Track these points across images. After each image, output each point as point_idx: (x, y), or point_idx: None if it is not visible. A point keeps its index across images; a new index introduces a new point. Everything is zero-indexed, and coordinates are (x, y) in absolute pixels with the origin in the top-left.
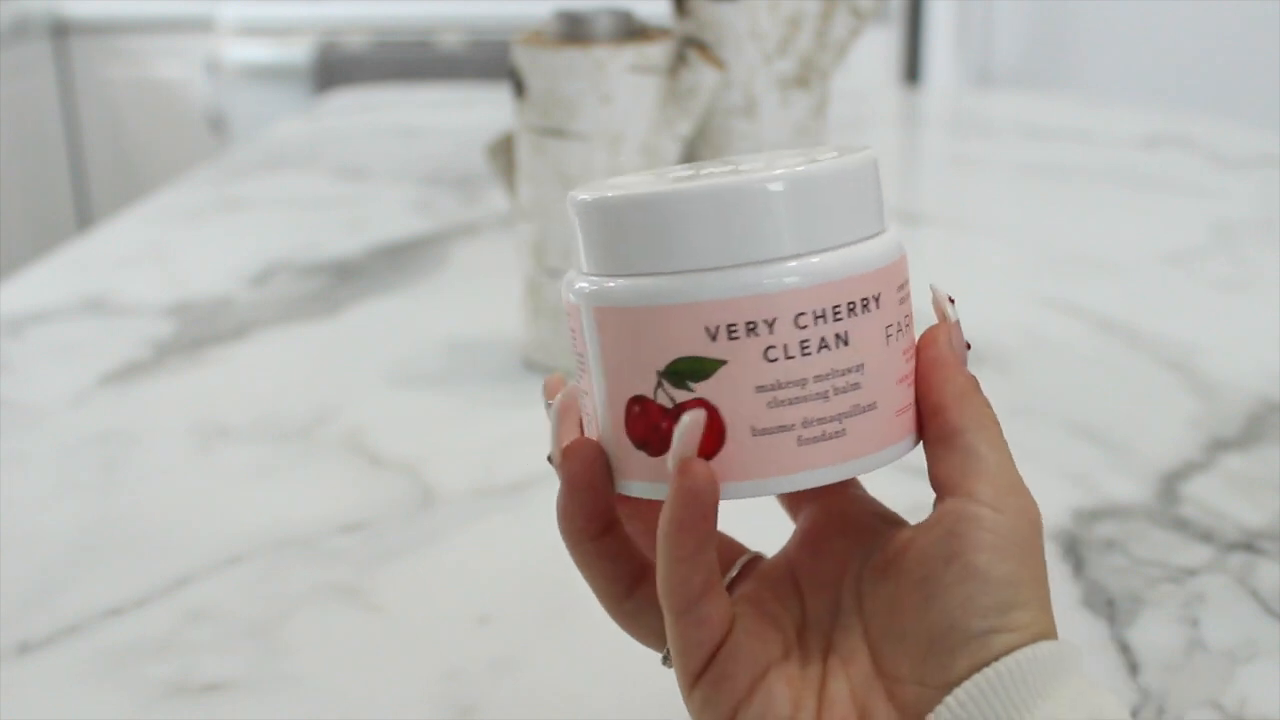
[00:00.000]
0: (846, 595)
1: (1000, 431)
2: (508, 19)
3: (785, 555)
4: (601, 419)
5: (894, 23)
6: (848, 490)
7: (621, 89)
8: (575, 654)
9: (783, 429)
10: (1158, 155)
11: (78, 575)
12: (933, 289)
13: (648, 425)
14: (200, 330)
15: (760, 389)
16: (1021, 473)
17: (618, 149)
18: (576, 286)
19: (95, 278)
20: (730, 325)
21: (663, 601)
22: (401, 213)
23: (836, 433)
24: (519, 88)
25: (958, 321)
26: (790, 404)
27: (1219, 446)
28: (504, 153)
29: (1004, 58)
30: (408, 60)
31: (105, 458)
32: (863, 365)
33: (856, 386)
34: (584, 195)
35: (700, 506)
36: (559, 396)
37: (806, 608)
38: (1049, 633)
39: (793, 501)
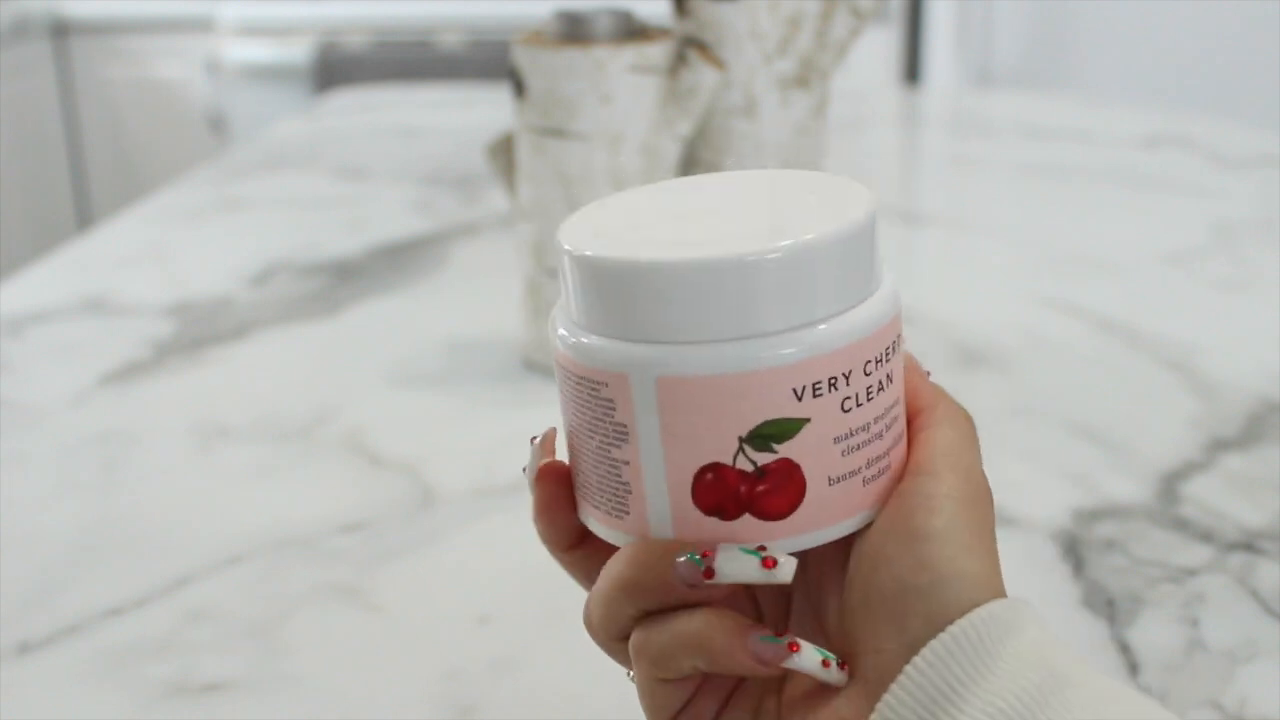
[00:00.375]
0: (796, 593)
1: (964, 428)
2: (508, 19)
3: None
4: (654, 491)
5: (894, 23)
6: None
7: (621, 89)
8: (575, 654)
9: (853, 474)
10: (1158, 155)
11: (78, 575)
12: None
13: (724, 493)
14: (200, 330)
15: (837, 440)
16: (1021, 473)
17: (618, 149)
18: (626, 355)
19: (95, 278)
20: (815, 384)
21: (650, 669)
22: (401, 213)
23: (886, 467)
24: (519, 88)
25: (909, 353)
26: (859, 449)
27: (1219, 446)
28: (504, 153)
29: (1004, 58)
30: (408, 60)
31: (105, 458)
32: (899, 399)
33: (896, 420)
34: (627, 256)
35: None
36: (543, 432)
37: (762, 611)
38: (998, 586)
39: None
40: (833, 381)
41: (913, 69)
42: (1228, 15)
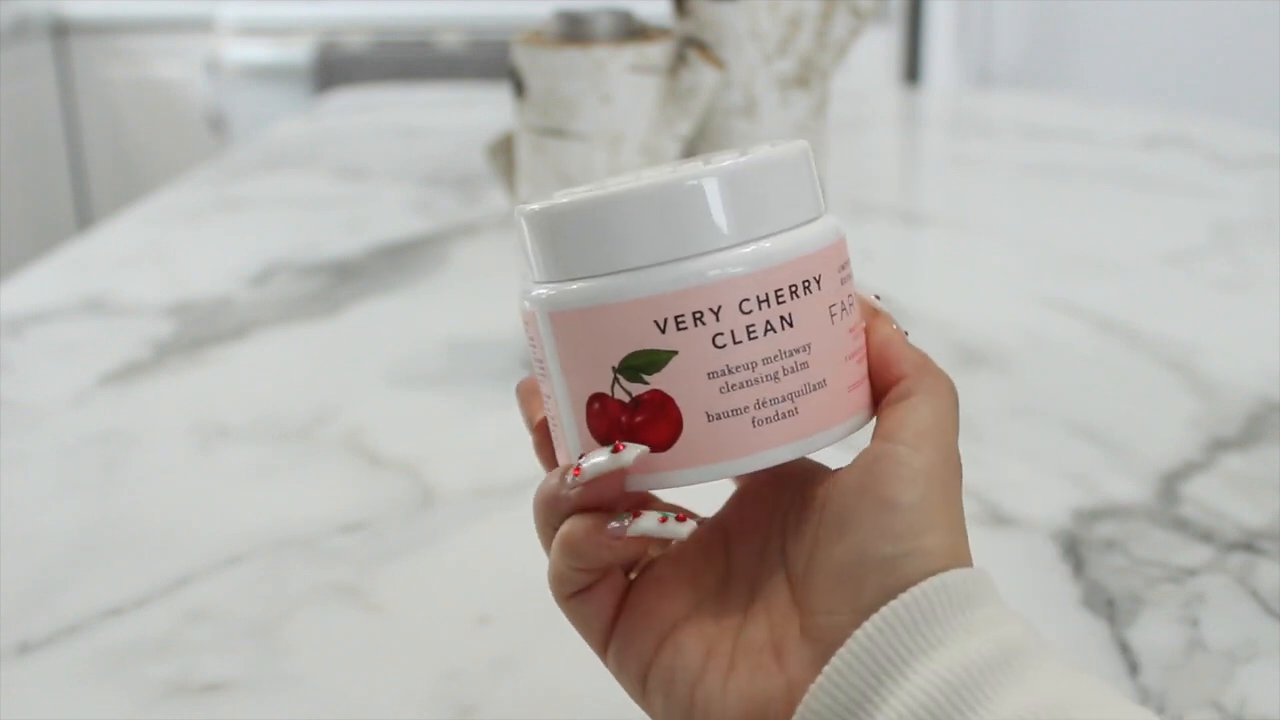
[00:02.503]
0: (772, 541)
1: (947, 400)
2: (508, 19)
3: (718, 513)
4: (566, 420)
5: (894, 23)
6: None
7: (621, 89)
8: (575, 654)
9: (736, 412)
10: (1158, 155)
11: (78, 575)
12: (858, 293)
13: (609, 421)
14: (200, 330)
15: (712, 375)
16: (1021, 473)
17: (618, 149)
18: (532, 295)
19: (95, 278)
20: (679, 316)
21: (553, 587)
22: (401, 213)
23: (789, 412)
24: (519, 88)
25: (889, 314)
26: (742, 387)
27: (1219, 446)
28: (504, 153)
29: (1004, 58)
30: (408, 60)
31: (105, 458)
32: (809, 345)
33: (805, 366)
34: (531, 206)
35: (600, 545)
36: (521, 382)
37: (733, 559)
38: (963, 559)
39: None
40: (698, 316)
41: (913, 69)
42: (1228, 15)
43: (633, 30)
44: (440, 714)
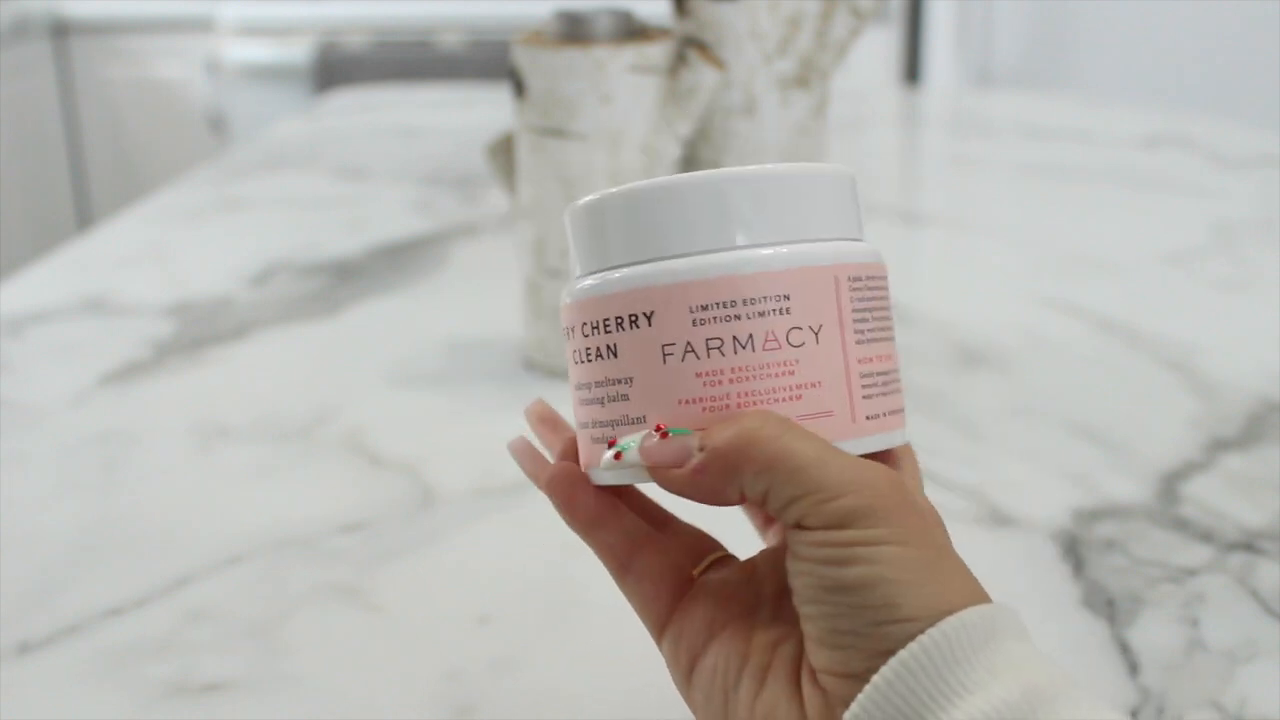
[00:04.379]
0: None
1: (760, 464)
2: (508, 19)
3: (766, 551)
4: None
5: (894, 23)
6: None
7: (621, 89)
8: (575, 654)
9: (585, 426)
10: (1158, 155)
11: (78, 575)
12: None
13: None
14: (200, 330)
15: (575, 387)
16: (1021, 473)
17: (618, 149)
18: None
19: (95, 278)
20: (563, 329)
21: (611, 573)
22: (401, 213)
23: (607, 437)
24: (519, 88)
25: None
26: (583, 404)
27: (1219, 446)
28: (504, 153)
29: (1004, 58)
30: (408, 60)
31: (105, 458)
32: (631, 379)
33: (625, 398)
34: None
35: (564, 493)
36: (529, 410)
37: (780, 581)
38: (970, 601)
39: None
40: (568, 331)
41: (913, 69)
42: (1228, 15)
43: (633, 30)
44: (440, 714)
